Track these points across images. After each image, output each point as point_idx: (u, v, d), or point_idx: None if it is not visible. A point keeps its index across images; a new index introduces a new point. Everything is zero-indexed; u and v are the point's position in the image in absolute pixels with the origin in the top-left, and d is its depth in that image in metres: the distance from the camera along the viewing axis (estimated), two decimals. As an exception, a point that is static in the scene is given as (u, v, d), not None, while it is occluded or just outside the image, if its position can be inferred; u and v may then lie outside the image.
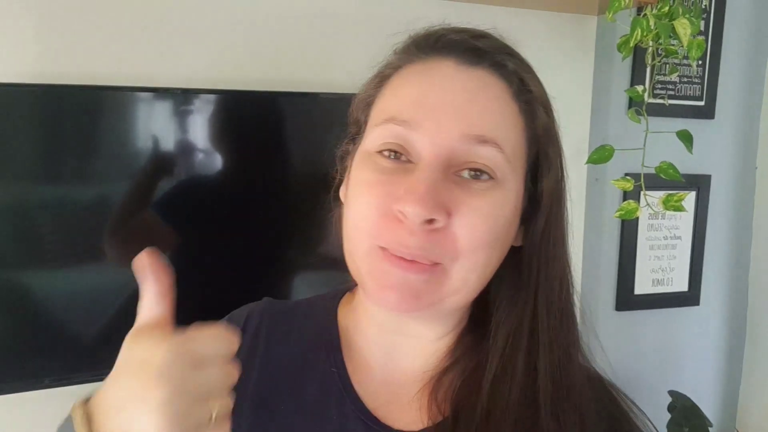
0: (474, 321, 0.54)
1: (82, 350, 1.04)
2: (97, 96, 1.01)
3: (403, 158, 0.46)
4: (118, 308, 1.03)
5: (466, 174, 0.45)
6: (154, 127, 1.04)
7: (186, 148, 1.06)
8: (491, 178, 0.46)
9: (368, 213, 0.46)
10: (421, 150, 0.45)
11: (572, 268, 0.53)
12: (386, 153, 0.46)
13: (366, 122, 0.51)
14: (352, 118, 0.55)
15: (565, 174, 0.52)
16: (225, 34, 1.13)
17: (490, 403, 0.48)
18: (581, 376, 0.51)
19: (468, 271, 0.46)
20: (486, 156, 0.45)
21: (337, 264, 0.51)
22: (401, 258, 0.44)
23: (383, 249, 0.45)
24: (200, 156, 1.07)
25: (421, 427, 0.50)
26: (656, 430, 0.54)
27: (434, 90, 0.46)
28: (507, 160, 0.46)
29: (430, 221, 0.43)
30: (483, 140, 0.45)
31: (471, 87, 0.46)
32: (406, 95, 0.47)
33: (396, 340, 0.54)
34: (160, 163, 1.04)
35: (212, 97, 1.07)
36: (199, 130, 1.06)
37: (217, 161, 1.09)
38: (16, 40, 1.01)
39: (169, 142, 1.04)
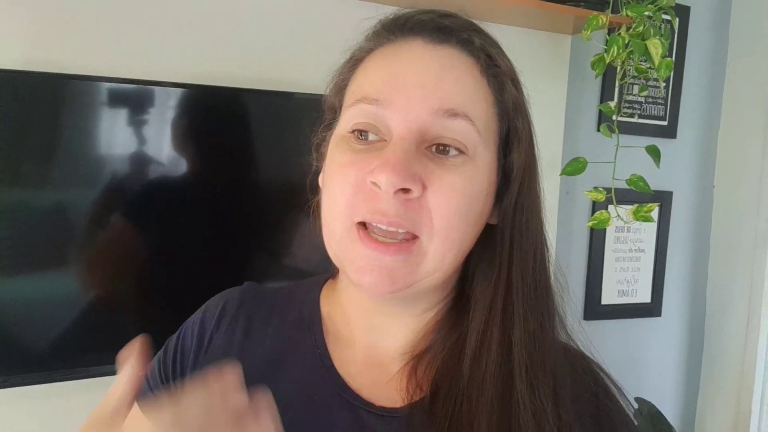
0: (457, 296, 0.54)
1: (36, 358, 0.99)
2: (62, 85, 0.96)
3: (375, 138, 0.47)
4: (74, 317, 0.97)
5: (437, 150, 0.46)
6: (125, 124, 1.00)
7: (155, 146, 1.03)
8: (462, 153, 0.46)
9: (343, 191, 0.46)
10: (393, 127, 0.46)
11: (548, 241, 0.53)
12: (357, 134, 0.47)
13: (340, 106, 0.52)
14: (326, 104, 0.56)
15: (536, 147, 0.52)
16: (204, 29, 1.12)
17: (468, 380, 0.48)
18: (557, 347, 0.51)
19: (445, 250, 0.46)
20: (458, 130, 0.46)
21: (311, 265, 0.51)
22: (376, 241, 0.45)
23: (360, 227, 0.46)
24: (170, 153, 1.04)
25: (402, 404, 0.50)
26: (632, 406, 0.55)
27: (404, 69, 0.47)
28: (478, 133, 0.47)
29: (405, 191, 0.43)
30: (454, 113, 0.45)
31: (439, 64, 0.47)
32: (377, 76, 0.48)
33: (378, 320, 0.54)
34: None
35: (186, 91, 1.04)
36: (171, 126, 1.04)
37: (187, 159, 1.06)
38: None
39: (139, 139, 1.01)
